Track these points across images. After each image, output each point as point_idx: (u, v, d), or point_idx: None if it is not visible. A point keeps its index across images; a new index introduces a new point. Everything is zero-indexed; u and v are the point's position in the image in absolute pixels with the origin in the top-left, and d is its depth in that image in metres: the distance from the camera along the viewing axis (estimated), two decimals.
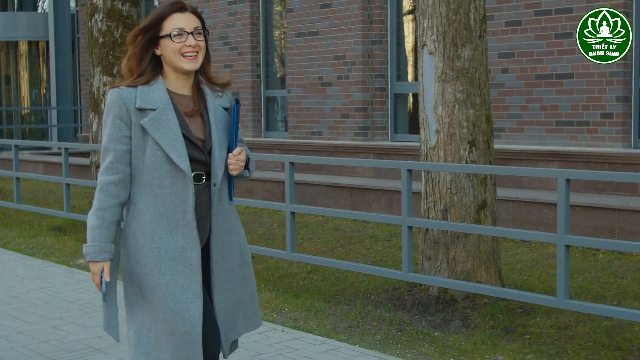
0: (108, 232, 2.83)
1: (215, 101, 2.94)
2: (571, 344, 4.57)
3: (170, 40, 2.82)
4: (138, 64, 2.86)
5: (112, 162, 2.82)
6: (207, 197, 2.89)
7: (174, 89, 2.89)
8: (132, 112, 2.81)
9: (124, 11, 7.95)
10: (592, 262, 6.15)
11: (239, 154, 2.91)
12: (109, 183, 2.82)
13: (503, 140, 9.23)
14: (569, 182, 4.23)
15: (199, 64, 2.87)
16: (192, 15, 2.87)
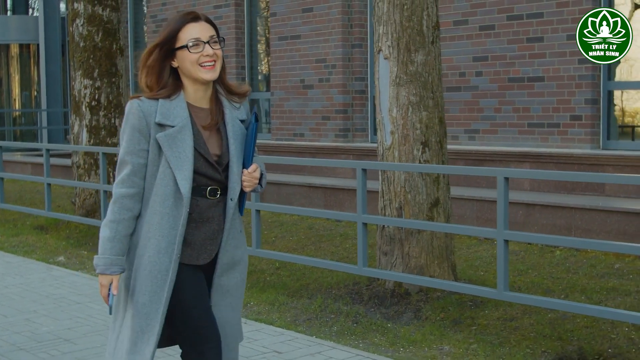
0: (120, 245, 2.81)
1: (233, 114, 2.92)
2: (515, 334, 4.84)
3: (187, 51, 2.78)
4: (158, 79, 2.82)
5: (129, 175, 2.80)
6: (220, 211, 2.89)
7: (193, 102, 2.87)
8: (151, 126, 2.78)
9: (104, 16, 8.25)
10: (549, 259, 6.43)
11: (253, 172, 2.89)
12: (124, 196, 2.80)
13: (477, 141, 9.50)
14: (507, 180, 4.50)
15: (218, 72, 2.85)
16: (206, 24, 2.85)
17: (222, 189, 2.88)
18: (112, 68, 8.37)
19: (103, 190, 7.27)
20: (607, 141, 8.69)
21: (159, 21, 13.17)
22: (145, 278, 2.82)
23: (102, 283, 2.86)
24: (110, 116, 8.38)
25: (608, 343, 4.66)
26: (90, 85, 8.25)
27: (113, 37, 8.35)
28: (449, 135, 9.72)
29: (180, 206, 2.80)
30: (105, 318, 5.49)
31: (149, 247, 2.82)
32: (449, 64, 9.65)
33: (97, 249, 2.88)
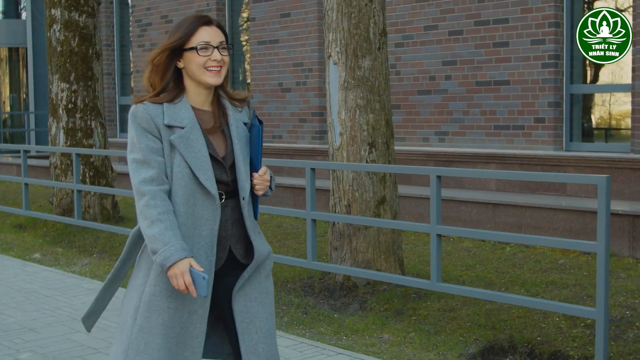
0: (179, 233, 2.72)
1: (236, 116, 2.92)
2: (451, 324, 5.17)
3: (195, 53, 2.79)
4: (161, 78, 2.81)
5: (158, 173, 2.75)
6: (226, 216, 2.86)
7: (195, 105, 2.87)
8: (160, 127, 2.77)
9: (80, 22, 8.60)
10: (498, 255, 6.76)
11: (264, 174, 2.89)
12: (162, 191, 2.75)
13: (447, 143, 9.83)
14: (439, 179, 4.84)
15: (222, 78, 2.86)
16: (217, 30, 2.86)
17: (227, 193, 2.86)
18: (88, 72, 8.73)
19: (77, 190, 7.60)
20: (569, 143, 9.01)
21: (144, 25, 13.51)
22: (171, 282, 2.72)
23: (182, 270, 2.68)
24: (86, 118, 8.73)
25: (538, 332, 4.99)
26: (67, 89, 8.60)
27: (89, 42, 8.70)
28: (420, 137, 10.07)
29: (199, 205, 2.77)
30: (70, 309, 5.83)
31: None
32: (420, 68, 9.99)
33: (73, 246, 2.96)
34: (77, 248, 7.91)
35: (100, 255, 7.69)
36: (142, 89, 10.64)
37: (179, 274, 2.67)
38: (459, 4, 9.57)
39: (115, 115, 14.63)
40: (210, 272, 2.80)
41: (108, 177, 8.88)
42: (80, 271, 7.15)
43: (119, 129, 14.64)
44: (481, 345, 4.85)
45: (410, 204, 8.49)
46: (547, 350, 4.75)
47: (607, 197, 4.16)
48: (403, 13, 10.09)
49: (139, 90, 13.65)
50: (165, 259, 2.67)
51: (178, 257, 2.67)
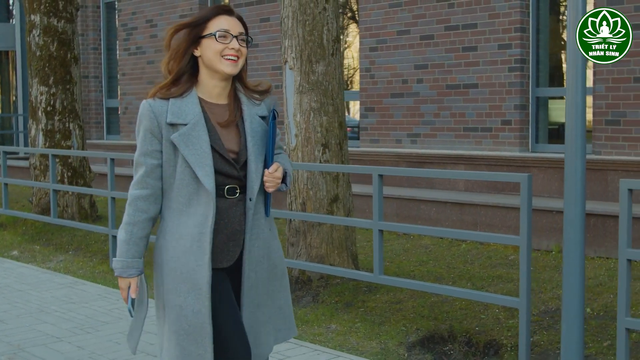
0: (136, 247, 2.79)
1: (252, 110, 2.87)
2: (396, 315, 5.50)
3: (214, 40, 2.76)
4: (178, 65, 2.78)
5: (143, 176, 2.77)
6: (240, 210, 2.83)
7: (209, 98, 2.83)
8: (163, 126, 2.74)
9: (59, 27, 8.95)
10: (453, 251, 7.10)
11: (275, 171, 2.83)
12: (138, 197, 2.78)
13: (418, 145, 10.16)
14: (381, 177, 5.17)
15: (239, 69, 2.81)
16: (237, 21, 2.84)
17: (242, 188, 2.82)
18: (67, 76, 9.08)
19: (53, 189, 7.95)
20: (535, 144, 9.34)
21: (129, 29, 13.85)
22: (178, 280, 2.76)
23: (121, 286, 2.84)
24: (64, 120, 9.08)
25: (477, 322, 5.31)
26: (46, 92, 8.94)
27: (68, 47, 9.05)
28: (393, 138, 10.41)
29: (203, 204, 2.76)
30: (40, 302, 6.16)
31: (177, 248, 2.77)
32: (393, 72, 10.33)
33: (50, 244, 3.11)
34: (54, 245, 8.27)
35: (76, 253, 8.04)
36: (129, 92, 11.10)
37: (120, 287, 2.85)
38: (430, 9, 9.91)
39: (102, 118, 14.97)
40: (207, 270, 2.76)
41: (86, 178, 9.22)
42: (54, 267, 7.49)
43: (106, 131, 14.98)
44: (421, 335, 5.18)
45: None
46: (484, 339, 5.08)
47: (529, 194, 4.49)
48: (377, 18, 10.43)
49: (125, 93, 14.00)
50: (115, 269, 2.84)
51: (120, 274, 2.82)
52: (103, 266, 7.43)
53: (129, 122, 13.95)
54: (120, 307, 6.03)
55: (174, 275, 2.77)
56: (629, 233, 4.12)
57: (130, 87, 13.87)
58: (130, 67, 13.86)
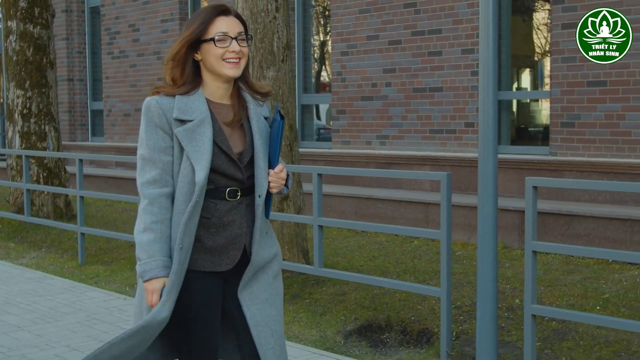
0: (167, 247, 2.70)
1: (257, 110, 2.85)
2: (339, 306, 5.90)
3: (213, 44, 2.72)
4: (182, 72, 2.75)
5: (161, 174, 2.71)
6: (241, 213, 2.78)
7: (213, 99, 2.80)
8: (171, 122, 2.71)
9: (35, 33, 9.38)
10: (405, 248, 7.50)
11: (280, 172, 2.82)
12: (161, 195, 2.71)
13: (387, 146, 10.56)
14: (321, 177, 5.57)
15: (242, 70, 2.80)
16: (235, 20, 2.79)
17: (242, 190, 2.78)
18: (43, 80, 9.50)
19: (26, 189, 8.36)
20: (498, 146, 9.71)
21: (113, 33, 14.27)
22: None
23: (155, 287, 2.68)
24: (40, 123, 9.50)
25: (413, 313, 5.71)
26: (22, 95, 9.36)
27: (43, 52, 9.48)
28: (363, 140, 10.80)
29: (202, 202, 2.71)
30: (7, 295, 6.57)
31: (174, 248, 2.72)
32: (363, 75, 10.73)
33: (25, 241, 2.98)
34: (28, 243, 8.69)
35: (48, 250, 8.46)
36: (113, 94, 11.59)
37: (150, 291, 2.68)
38: (398, 15, 10.31)
39: (87, 120, 15.39)
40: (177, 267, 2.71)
41: (61, 178, 9.63)
42: (27, 263, 7.90)
43: (91, 132, 15.39)
44: (359, 324, 5.57)
45: (334, 201, 9.21)
46: (418, 328, 5.47)
47: (448, 192, 4.89)
48: (348, 24, 10.83)
49: (108, 96, 14.41)
50: (145, 272, 2.68)
51: (155, 275, 2.67)
52: (72, 262, 7.84)
53: (112, 125, 14.36)
54: (83, 299, 6.43)
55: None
56: (533, 227, 4.51)
57: (113, 89, 14.28)
58: (113, 70, 14.27)
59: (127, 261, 7.68)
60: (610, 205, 7.65)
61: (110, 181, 12.32)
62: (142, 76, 13.76)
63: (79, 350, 5.10)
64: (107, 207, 10.80)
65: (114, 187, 12.09)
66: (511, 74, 9.87)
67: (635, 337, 4.92)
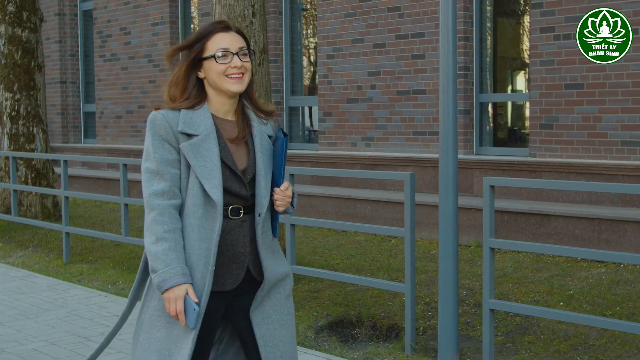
0: (183, 255, 2.68)
1: (261, 128, 2.84)
2: (312, 302, 6.09)
3: (214, 61, 2.72)
4: (183, 91, 2.76)
5: (170, 186, 2.70)
6: (245, 232, 2.77)
7: (218, 114, 2.79)
8: (178, 136, 2.71)
9: (23, 37, 9.59)
10: (383, 247, 7.69)
11: (286, 189, 2.79)
12: (171, 206, 2.70)
13: (372, 148, 10.74)
14: (293, 176, 5.76)
15: (245, 84, 2.79)
16: (236, 35, 2.79)
17: (245, 208, 2.77)
18: (31, 82, 9.72)
19: (13, 189, 8.57)
20: (479, 147, 9.92)
21: (105, 36, 14.47)
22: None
23: (177, 295, 2.65)
24: (28, 125, 9.71)
25: (383, 309, 5.90)
26: (11, 98, 9.58)
27: (32, 55, 9.69)
28: (349, 142, 10.99)
29: (210, 218, 2.71)
30: None
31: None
32: (349, 78, 10.92)
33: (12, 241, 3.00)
34: (16, 242, 8.90)
35: (35, 249, 8.67)
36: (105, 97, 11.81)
37: (172, 299, 2.64)
38: (382, 19, 10.51)
39: (79, 122, 15.59)
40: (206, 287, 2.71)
41: (49, 179, 9.84)
42: (13, 262, 8.10)
43: (84, 134, 15.60)
44: (330, 319, 5.76)
45: (316, 201, 9.40)
46: (387, 324, 5.66)
47: (411, 191, 5.08)
48: (333, 27, 11.02)
49: (101, 98, 14.62)
50: (164, 281, 2.64)
51: (176, 282, 2.64)
52: (58, 261, 8.04)
53: (104, 127, 14.56)
54: (65, 296, 6.62)
55: None
56: (491, 224, 4.70)
57: (105, 92, 14.48)
58: (105, 73, 14.48)
59: (110, 260, 7.89)
60: (580, 205, 7.84)
61: (100, 182, 12.52)
62: (133, 79, 13.96)
63: (56, 345, 5.30)
64: (95, 208, 11.00)
65: (104, 188, 12.29)
66: (492, 77, 10.07)
67: (593, 332, 5.11)
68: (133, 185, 12.12)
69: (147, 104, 13.63)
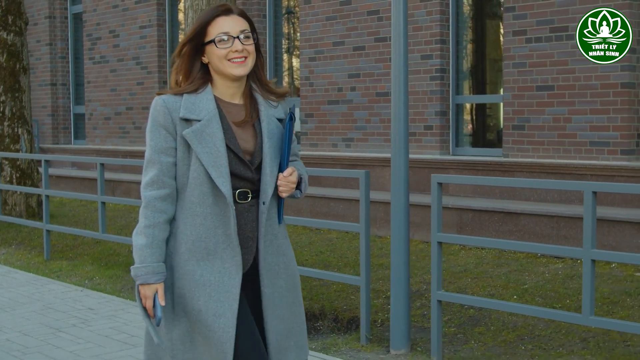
0: (159, 251, 2.68)
1: (269, 111, 2.80)
2: None
3: (214, 46, 2.70)
4: (187, 76, 2.74)
5: (158, 175, 2.69)
6: (253, 217, 2.74)
7: (224, 98, 2.77)
8: (177, 122, 2.67)
9: (8, 40, 9.89)
10: (354, 244, 7.95)
11: (289, 175, 2.75)
12: (156, 198, 2.69)
13: (352, 148, 11.02)
14: None
15: (249, 68, 2.74)
16: (238, 18, 2.75)
17: (254, 192, 2.73)
18: (16, 84, 10.01)
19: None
20: (455, 148, 10.19)
21: (94, 39, 14.76)
22: (196, 284, 2.69)
23: (146, 294, 2.69)
24: (13, 126, 10.01)
25: (346, 302, 6.17)
26: None
27: (17, 58, 9.99)
28: (330, 143, 11.26)
29: (220, 204, 2.67)
30: None
31: (196, 250, 2.70)
32: (330, 80, 11.20)
33: None
34: (0, 240, 9.18)
35: (18, 247, 8.96)
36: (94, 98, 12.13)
37: (142, 295, 2.69)
38: (362, 22, 10.78)
39: (69, 123, 15.88)
40: (237, 273, 2.70)
41: (34, 179, 10.13)
42: None
43: (74, 136, 15.88)
44: None
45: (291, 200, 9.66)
46: (348, 316, 5.93)
47: (366, 188, 5.34)
48: (315, 30, 11.30)
49: (90, 100, 14.90)
50: (136, 276, 2.69)
51: (145, 281, 2.67)
52: (39, 258, 8.32)
53: (93, 128, 14.85)
54: (42, 291, 6.89)
55: (190, 279, 2.69)
56: (439, 220, 4.97)
57: (94, 94, 14.77)
58: (94, 75, 14.76)
59: (89, 257, 8.17)
60: (540, 204, 8.11)
61: (86, 182, 12.79)
62: (121, 81, 14.24)
63: (29, 335, 5.57)
64: (81, 207, 11.29)
65: (89, 188, 12.56)
66: (468, 79, 10.34)
67: (541, 323, 5.38)
68: (117, 185, 12.41)
69: (135, 106, 13.92)
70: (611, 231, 6.94)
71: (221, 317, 2.66)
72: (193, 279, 2.69)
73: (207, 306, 2.67)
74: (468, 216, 7.96)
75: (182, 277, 2.70)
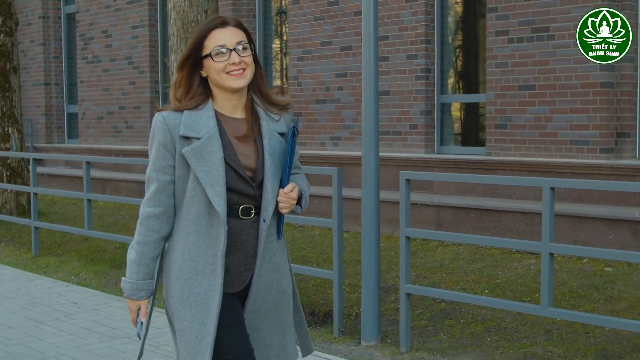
0: (147, 268, 2.73)
1: (271, 126, 2.78)
2: None
3: (211, 59, 2.68)
4: (187, 91, 2.73)
5: (155, 193, 2.71)
6: (254, 233, 2.74)
7: (225, 112, 2.75)
8: (176, 140, 2.67)
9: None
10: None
11: (290, 192, 2.74)
12: (150, 216, 2.72)
13: (340, 147, 11.22)
14: None
15: (248, 79, 2.72)
16: (234, 29, 2.73)
17: (257, 208, 2.73)
18: (6, 84, 10.22)
19: None
20: (440, 147, 10.39)
21: (87, 39, 14.97)
22: (182, 303, 2.71)
23: (131, 308, 2.79)
24: (4, 125, 10.23)
25: (322, 297, 6.36)
26: None
27: (7, 58, 10.20)
28: (317, 142, 11.46)
29: (215, 224, 2.67)
30: None
31: (185, 269, 2.71)
32: (317, 80, 11.39)
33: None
34: None
35: (7, 243, 9.18)
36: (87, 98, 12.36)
37: (129, 308, 2.80)
38: (349, 22, 10.98)
39: (63, 123, 16.09)
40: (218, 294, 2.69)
41: (24, 177, 10.34)
42: None
43: (67, 135, 16.09)
44: None
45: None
46: (324, 310, 6.12)
47: (338, 185, 5.55)
48: (303, 30, 11.50)
49: (83, 100, 15.10)
50: (123, 289, 2.80)
51: (130, 296, 2.77)
52: (27, 254, 8.53)
53: (86, 127, 15.05)
54: (28, 286, 7.10)
55: (179, 298, 2.71)
56: (407, 215, 5.16)
57: (87, 93, 14.98)
58: (87, 74, 14.97)
59: (77, 253, 8.37)
60: (518, 201, 8.30)
61: (77, 180, 13.00)
62: (114, 80, 14.44)
63: (12, 328, 5.77)
64: (71, 205, 11.50)
65: (80, 186, 12.74)
66: (453, 79, 10.53)
67: (508, 315, 5.58)
68: (107, 183, 12.61)
69: (127, 106, 14.12)
70: (583, 227, 7.14)
71: (202, 341, 2.67)
72: (181, 298, 2.71)
73: (191, 327, 2.70)
74: (447, 213, 8.16)
75: (172, 295, 2.74)
